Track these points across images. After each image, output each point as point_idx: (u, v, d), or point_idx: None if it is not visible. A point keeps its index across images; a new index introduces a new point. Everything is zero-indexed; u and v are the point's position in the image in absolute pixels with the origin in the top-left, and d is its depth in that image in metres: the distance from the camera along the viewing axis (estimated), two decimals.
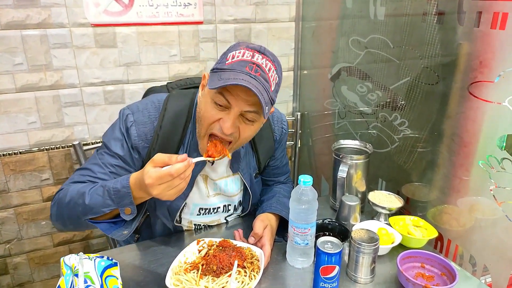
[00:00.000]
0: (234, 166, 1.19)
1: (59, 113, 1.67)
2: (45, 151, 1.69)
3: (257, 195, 1.32)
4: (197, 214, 1.25)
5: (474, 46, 1.05)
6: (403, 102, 1.35)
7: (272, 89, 0.97)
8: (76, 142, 1.64)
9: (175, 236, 1.26)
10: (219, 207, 1.25)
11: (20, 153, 1.65)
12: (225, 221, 1.32)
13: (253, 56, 0.95)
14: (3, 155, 1.62)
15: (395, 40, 1.35)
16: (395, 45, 1.35)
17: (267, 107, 0.95)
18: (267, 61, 0.97)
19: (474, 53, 1.06)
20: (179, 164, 0.86)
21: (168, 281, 0.97)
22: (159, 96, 1.13)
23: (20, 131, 1.63)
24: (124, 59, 1.70)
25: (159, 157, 0.89)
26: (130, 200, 0.94)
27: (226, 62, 0.96)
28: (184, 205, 1.19)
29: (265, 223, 1.15)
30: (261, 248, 1.10)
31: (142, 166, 1.02)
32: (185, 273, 1.00)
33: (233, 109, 0.96)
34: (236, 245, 1.10)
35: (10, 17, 1.48)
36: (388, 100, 1.42)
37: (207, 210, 1.24)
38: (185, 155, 0.89)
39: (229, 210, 1.29)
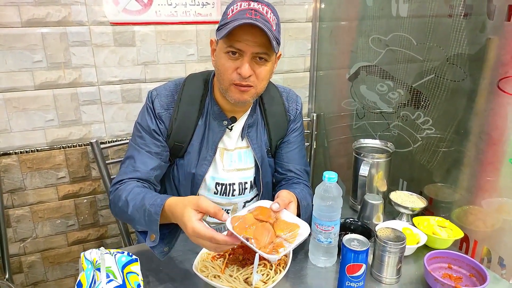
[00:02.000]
0: (243, 133, 1.22)
1: (77, 111, 1.67)
2: (62, 149, 1.69)
3: (268, 174, 1.30)
4: (214, 193, 1.24)
5: (505, 40, 1.03)
6: (427, 100, 1.32)
7: (274, 28, 1.04)
8: (93, 140, 1.62)
9: None
10: (235, 184, 1.24)
11: (37, 150, 1.65)
12: (243, 206, 1.29)
13: (249, 5, 1.03)
14: (21, 152, 1.62)
15: (418, 37, 1.33)
16: (418, 42, 1.33)
17: (274, 42, 1.01)
18: (263, 6, 1.04)
19: (504, 47, 1.03)
20: (225, 238, 0.87)
21: (195, 266, 0.98)
22: (182, 78, 1.24)
23: (38, 129, 1.63)
24: (142, 58, 1.70)
25: (205, 204, 0.90)
26: (156, 228, 0.97)
27: (228, 17, 1.03)
28: (203, 180, 1.22)
29: (292, 197, 1.05)
30: None
31: (168, 136, 1.17)
32: (211, 261, 1.01)
33: (246, 54, 1.03)
34: None
35: (30, 15, 1.49)
36: (411, 98, 1.39)
37: (223, 187, 1.23)
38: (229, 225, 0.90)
39: (246, 188, 1.26)
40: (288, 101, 1.30)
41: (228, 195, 1.25)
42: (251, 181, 1.27)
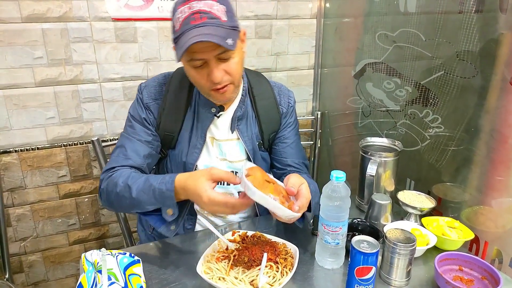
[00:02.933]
0: (232, 125, 1.22)
1: (78, 109, 1.64)
2: (63, 147, 1.67)
3: (262, 167, 1.23)
4: None
5: None
6: (436, 98, 1.29)
7: (224, 19, 1.00)
8: (94, 138, 1.60)
9: (198, 235, 1.23)
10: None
11: (38, 148, 1.63)
12: (238, 196, 1.27)
13: (190, 8, 0.98)
14: (21, 150, 1.60)
15: (427, 32, 1.29)
16: (427, 38, 1.30)
17: (229, 39, 0.98)
18: (204, 1, 0.99)
19: None
20: (240, 200, 0.95)
21: (199, 268, 0.95)
22: (171, 71, 1.24)
23: (39, 126, 1.61)
24: (144, 55, 1.67)
25: (217, 172, 0.98)
26: (173, 202, 1.02)
27: (176, 29, 1.01)
28: (195, 168, 1.22)
29: (301, 180, 1.04)
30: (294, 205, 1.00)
31: (157, 126, 1.18)
32: (216, 262, 0.98)
33: (209, 60, 1.02)
34: (270, 239, 1.06)
35: (31, 10, 1.46)
36: (419, 95, 1.36)
37: None
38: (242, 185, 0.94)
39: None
40: (280, 95, 1.30)
41: (224, 183, 1.24)
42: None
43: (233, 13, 1.04)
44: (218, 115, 1.20)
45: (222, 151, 1.23)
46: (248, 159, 1.25)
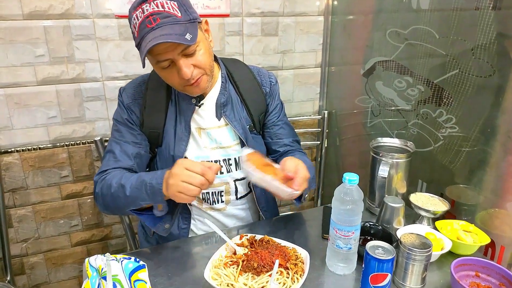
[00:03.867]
0: (218, 113, 1.22)
1: (80, 108, 1.61)
2: (65, 147, 1.63)
3: (255, 149, 1.27)
4: None
5: None
6: (450, 97, 1.25)
7: (180, 14, 0.99)
8: (97, 138, 1.57)
9: (202, 238, 1.20)
10: (220, 161, 1.23)
11: (40, 148, 1.59)
12: (234, 186, 1.26)
13: (143, 11, 0.98)
14: (22, 150, 1.57)
15: (441, 30, 1.25)
16: (441, 35, 1.25)
17: (188, 34, 0.98)
18: (154, 2, 0.98)
19: None
20: (214, 164, 1.01)
21: (207, 273, 0.92)
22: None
23: (40, 126, 1.57)
24: None
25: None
26: (162, 197, 1.02)
27: (136, 36, 1.01)
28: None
29: (295, 161, 1.05)
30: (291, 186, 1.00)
31: (141, 125, 1.19)
32: (224, 268, 0.95)
33: (174, 59, 1.02)
34: (279, 244, 1.03)
35: (32, 7, 1.42)
36: (432, 95, 1.32)
37: None
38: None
39: (230, 165, 1.24)
40: (260, 76, 1.31)
41: (218, 173, 1.22)
42: (235, 158, 1.25)
43: (188, 5, 1.02)
44: (199, 104, 1.20)
45: (212, 139, 1.22)
46: (241, 142, 1.24)
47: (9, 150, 1.55)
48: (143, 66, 1.01)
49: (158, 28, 0.96)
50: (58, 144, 1.62)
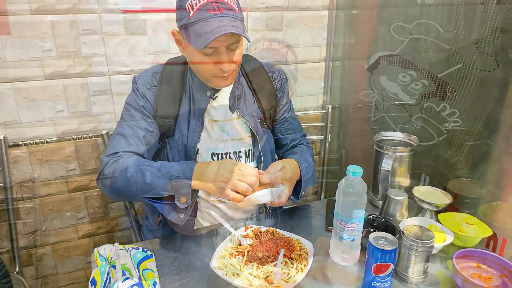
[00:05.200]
0: (232, 105, 1.23)
1: (87, 102, 1.63)
2: (72, 141, 1.65)
3: (267, 144, 1.33)
4: None
5: None
6: (453, 91, 1.26)
7: (238, 11, 1.04)
8: (104, 132, 1.59)
9: (207, 230, 1.22)
10: (230, 154, 1.25)
11: (47, 142, 1.61)
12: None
13: None
14: (30, 144, 1.59)
15: (445, 24, 1.26)
16: (445, 30, 1.26)
17: (246, 34, 1.01)
18: None
19: None
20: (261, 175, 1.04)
21: (213, 263, 0.94)
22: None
23: (48, 120, 1.59)
24: (154, 48, 1.65)
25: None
26: (188, 191, 1.04)
27: (190, 15, 1.00)
28: (197, 152, 1.22)
29: (281, 164, 1.12)
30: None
31: (155, 114, 1.19)
32: (230, 258, 0.97)
33: (221, 50, 1.04)
34: (284, 235, 1.05)
35: (40, 2, 1.44)
36: (436, 89, 1.33)
37: (219, 157, 1.24)
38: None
39: (240, 157, 1.26)
40: (271, 72, 1.34)
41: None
42: (245, 151, 1.27)
43: (240, 5, 1.08)
44: (213, 97, 1.21)
45: (225, 131, 1.24)
46: (252, 135, 1.26)
47: (17, 144, 1.57)
48: (199, 48, 1.00)
49: (223, 17, 0.98)
50: (65, 138, 1.64)
